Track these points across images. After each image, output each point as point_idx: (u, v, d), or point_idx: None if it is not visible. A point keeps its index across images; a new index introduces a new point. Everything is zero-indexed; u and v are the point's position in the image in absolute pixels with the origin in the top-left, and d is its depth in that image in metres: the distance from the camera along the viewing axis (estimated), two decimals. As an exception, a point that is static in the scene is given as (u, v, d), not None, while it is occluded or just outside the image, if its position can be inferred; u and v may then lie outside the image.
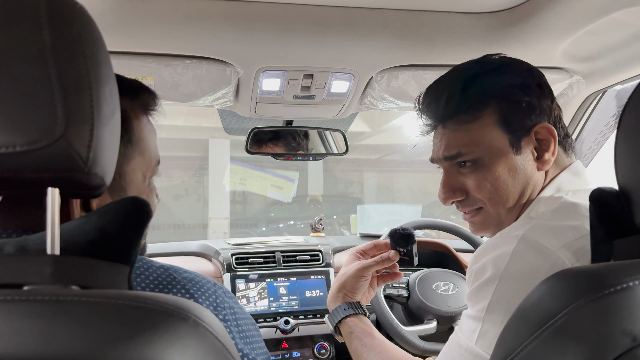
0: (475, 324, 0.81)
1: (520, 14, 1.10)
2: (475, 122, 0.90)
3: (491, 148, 0.89)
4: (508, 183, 0.90)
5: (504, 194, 0.90)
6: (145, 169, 0.78)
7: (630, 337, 0.46)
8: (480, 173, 0.91)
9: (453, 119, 0.92)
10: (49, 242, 0.47)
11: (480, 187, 0.91)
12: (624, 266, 0.52)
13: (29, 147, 0.45)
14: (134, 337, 0.42)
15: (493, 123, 0.90)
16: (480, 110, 0.90)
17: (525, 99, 0.89)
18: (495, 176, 0.90)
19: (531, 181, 0.91)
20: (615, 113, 1.67)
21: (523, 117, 0.89)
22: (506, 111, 0.89)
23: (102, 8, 1.01)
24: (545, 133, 0.90)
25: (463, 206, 0.97)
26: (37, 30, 0.46)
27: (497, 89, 0.90)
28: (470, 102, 0.90)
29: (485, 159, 0.90)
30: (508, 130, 0.89)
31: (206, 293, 0.70)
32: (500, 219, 0.94)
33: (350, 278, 1.15)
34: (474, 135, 0.90)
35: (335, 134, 1.68)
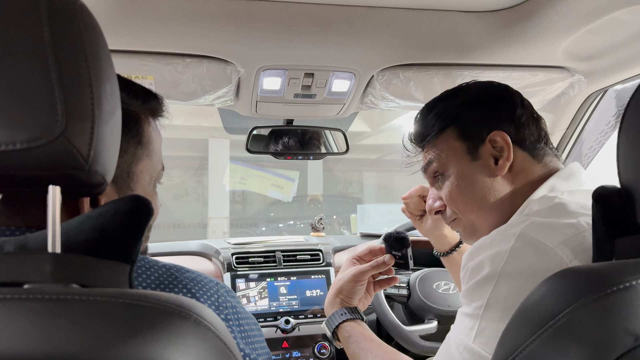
0: (472, 321, 0.81)
1: (521, 13, 1.10)
2: (437, 140, 1.01)
3: (448, 157, 0.99)
4: (466, 190, 0.97)
5: (465, 202, 0.98)
6: (152, 172, 0.79)
7: (632, 337, 0.46)
8: (446, 183, 1.00)
9: (426, 142, 1.04)
10: (50, 240, 0.46)
11: (448, 195, 1.00)
12: (626, 265, 0.52)
13: (29, 144, 0.45)
14: (135, 336, 0.42)
15: (452, 138, 0.99)
16: (440, 132, 1.01)
17: (472, 113, 0.98)
18: (456, 184, 0.98)
19: (489, 187, 0.96)
20: (616, 112, 1.67)
21: (478, 129, 0.97)
22: (462, 127, 0.98)
23: (102, 6, 1.01)
24: (499, 140, 0.95)
25: (444, 217, 1.07)
26: (37, 27, 0.46)
27: (447, 111, 1.01)
28: (430, 128, 1.02)
29: (448, 168, 1.00)
30: (465, 139, 0.98)
31: (208, 292, 0.70)
32: (475, 226, 1.00)
33: (347, 283, 1.18)
34: (439, 148, 1.01)
35: (336, 133, 1.68)
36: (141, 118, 0.77)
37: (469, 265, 0.85)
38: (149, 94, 0.80)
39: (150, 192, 0.79)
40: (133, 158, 0.74)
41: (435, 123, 1.01)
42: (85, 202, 0.61)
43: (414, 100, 1.44)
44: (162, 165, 0.83)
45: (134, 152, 0.74)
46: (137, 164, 0.75)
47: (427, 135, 1.03)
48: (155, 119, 0.82)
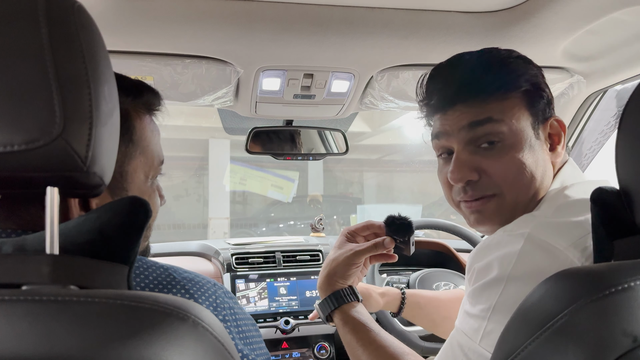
0: (478, 323, 0.79)
1: (521, 13, 1.10)
2: (504, 101, 0.87)
3: (518, 126, 0.86)
4: (532, 167, 0.86)
5: (526, 179, 0.86)
6: (147, 169, 0.78)
7: (631, 338, 0.46)
8: (507, 154, 0.86)
9: (484, 94, 0.87)
10: (48, 241, 0.46)
11: (507, 168, 0.86)
12: (625, 266, 0.52)
13: (27, 146, 0.45)
14: (133, 337, 0.42)
15: (520, 104, 0.87)
16: (511, 91, 0.87)
17: (546, 90, 0.91)
18: (522, 157, 0.86)
19: (548, 170, 0.89)
20: (615, 113, 1.67)
21: (544, 107, 0.90)
22: (533, 97, 0.88)
23: (101, 7, 1.01)
24: (557, 126, 0.91)
25: (474, 189, 0.89)
26: (35, 28, 0.46)
27: (530, 75, 0.89)
28: (504, 82, 0.87)
29: (513, 136, 0.86)
30: (532, 114, 0.88)
31: (206, 293, 0.70)
32: (516, 208, 0.88)
33: (342, 265, 1.06)
34: (504, 109, 0.87)
35: (336, 133, 1.68)
36: (131, 115, 0.75)
37: (475, 266, 0.83)
38: (142, 88, 0.79)
39: (147, 190, 0.79)
40: (124, 157, 0.73)
41: (516, 79, 0.87)
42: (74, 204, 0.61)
43: (413, 101, 1.44)
44: (160, 160, 0.82)
45: (124, 151, 0.73)
46: (129, 162, 0.74)
47: (494, 88, 0.87)
48: (150, 113, 0.81)
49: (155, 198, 0.82)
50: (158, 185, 0.85)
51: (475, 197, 0.89)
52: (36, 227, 0.59)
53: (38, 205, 0.59)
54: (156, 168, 0.80)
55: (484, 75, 0.87)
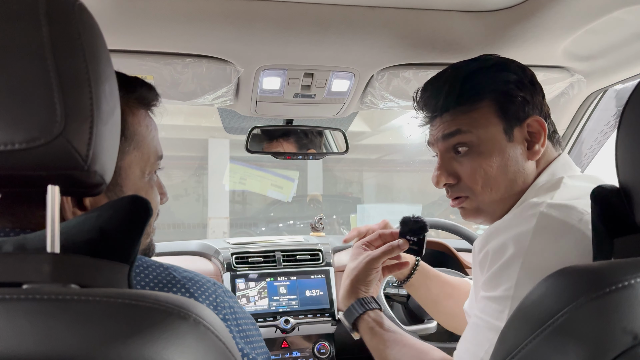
0: (501, 304, 0.80)
1: (521, 13, 1.10)
2: (474, 111, 0.96)
3: (486, 133, 0.95)
4: (500, 170, 0.95)
5: (494, 182, 0.95)
6: (143, 165, 0.77)
7: (631, 336, 0.46)
8: (475, 160, 0.96)
9: (452, 110, 0.98)
10: (49, 240, 0.46)
11: (474, 173, 0.96)
12: (625, 264, 0.52)
13: (28, 144, 0.45)
14: (134, 336, 0.42)
15: (489, 112, 0.96)
16: (477, 102, 0.96)
17: (520, 93, 0.96)
18: (489, 163, 0.95)
19: (522, 170, 0.96)
20: (615, 112, 1.67)
21: (517, 110, 0.95)
22: (502, 103, 0.95)
23: (102, 6, 1.01)
24: (536, 126, 0.96)
25: (452, 191, 1.01)
26: (36, 27, 0.46)
27: (495, 84, 0.97)
28: (469, 95, 0.97)
29: (481, 144, 0.95)
30: (503, 119, 0.95)
31: (206, 292, 0.70)
32: (492, 207, 0.98)
33: (362, 272, 1.12)
34: (472, 119, 0.96)
35: (336, 133, 1.68)
36: (123, 110, 0.74)
37: (489, 248, 0.85)
38: (135, 83, 0.78)
39: (144, 186, 0.78)
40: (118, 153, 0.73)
41: (478, 91, 0.97)
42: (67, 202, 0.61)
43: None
44: (158, 156, 0.81)
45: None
46: (123, 158, 0.73)
47: (461, 101, 0.97)
48: (145, 108, 0.81)
49: (154, 194, 0.82)
50: (159, 182, 0.85)
51: (453, 197, 1.02)
52: (36, 226, 0.60)
53: (38, 204, 0.59)
54: (153, 164, 0.80)
55: (451, 92, 0.98)
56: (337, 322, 1.81)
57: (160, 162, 0.83)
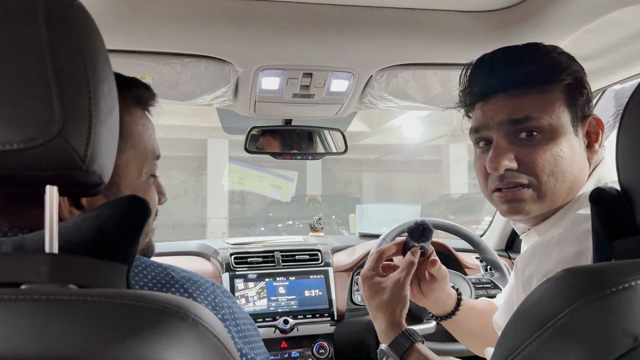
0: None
1: (520, 13, 1.10)
2: (545, 93, 0.88)
3: (558, 121, 0.87)
4: (568, 161, 0.87)
5: (562, 173, 0.87)
6: (140, 164, 0.77)
7: (631, 337, 0.46)
8: (546, 145, 0.87)
9: (523, 86, 0.88)
10: (47, 240, 0.46)
11: (544, 158, 0.87)
12: (626, 266, 0.52)
13: (26, 144, 0.45)
14: (133, 336, 0.41)
15: (561, 99, 0.88)
16: (552, 84, 0.88)
17: (586, 88, 0.91)
18: (559, 150, 0.87)
19: (585, 167, 0.90)
20: (614, 112, 1.67)
21: (583, 104, 0.90)
22: (574, 93, 0.89)
23: (100, 6, 1.01)
24: (595, 125, 0.91)
25: (512, 178, 0.89)
26: (34, 27, 0.46)
27: (570, 70, 0.89)
28: (547, 73, 0.88)
29: (552, 130, 0.87)
30: (572, 110, 0.89)
31: (205, 292, 0.70)
32: (550, 201, 0.89)
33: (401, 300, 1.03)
34: (544, 104, 0.87)
35: (335, 133, 1.68)
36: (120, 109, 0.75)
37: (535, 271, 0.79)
38: (131, 83, 0.78)
39: (142, 185, 0.78)
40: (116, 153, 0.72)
41: (557, 71, 0.88)
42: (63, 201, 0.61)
43: (412, 101, 1.44)
44: (155, 155, 0.81)
45: None
46: (119, 157, 0.72)
47: (539, 78, 0.88)
48: (142, 107, 0.80)
49: (152, 193, 0.81)
50: (158, 182, 0.85)
51: (511, 185, 0.89)
52: (33, 225, 0.59)
53: (35, 203, 0.59)
54: (150, 163, 0.80)
55: (527, 66, 0.88)
56: (336, 322, 1.81)
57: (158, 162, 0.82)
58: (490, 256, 1.86)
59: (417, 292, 1.17)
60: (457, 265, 1.99)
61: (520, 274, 0.84)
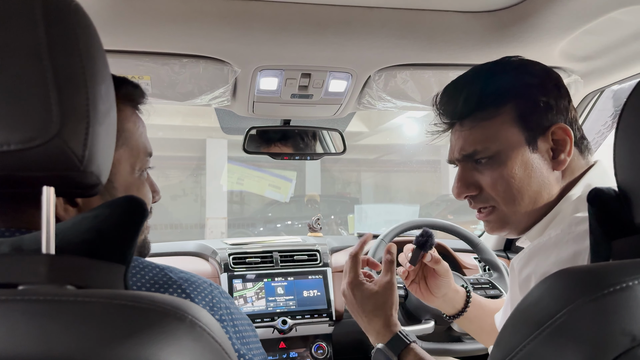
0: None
1: (518, 13, 1.10)
2: (492, 119, 0.90)
3: (508, 144, 0.89)
4: (523, 181, 0.89)
5: (518, 193, 0.89)
6: (133, 160, 0.77)
7: (629, 337, 0.46)
8: (496, 170, 0.90)
9: (470, 116, 0.92)
10: (44, 241, 0.46)
11: (495, 183, 0.90)
12: (624, 266, 0.52)
13: (24, 145, 0.45)
14: (130, 337, 0.41)
15: (510, 121, 0.89)
16: (498, 108, 0.90)
17: (543, 98, 0.89)
18: (511, 173, 0.89)
19: (547, 181, 0.90)
20: (613, 113, 1.67)
21: (540, 117, 0.89)
22: (524, 110, 0.89)
23: (99, 6, 1.01)
24: (561, 133, 0.89)
25: (475, 202, 0.95)
26: (32, 28, 0.46)
27: (516, 88, 0.90)
28: (489, 100, 0.90)
29: (501, 155, 0.89)
30: (525, 128, 0.89)
31: (202, 293, 0.70)
32: (517, 218, 0.92)
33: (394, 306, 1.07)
34: (490, 132, 0.90)
35: (333, 133, 1.68)
36: None
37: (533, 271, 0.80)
38: (121, 81, 0.78)
39: (135, 181, 0.78)
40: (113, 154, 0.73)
41: (498, 95, 0.90)
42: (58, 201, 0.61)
43: (410, 101, 1.44)
44: (147, 152, 0.81)
45: None
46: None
47: (481, 107, 0.91)
48: (132, 105, 0.80)
49: (145, 190, 0.82)
50: (151, 180, 0.85)
51: (477, 209, 0.96)
52: (32, 226, 0.59)
53: (31, 202, 0.59)
54: (143, 160, 0.80)
55: (470, 96, 0.91)
56: (334, 323, 1.81)
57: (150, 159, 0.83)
58: (488, 256, 1.86)
59: (425, 290, 1.21)
60: (455, 265, 1.99)
61: (517, 275, 0.85)
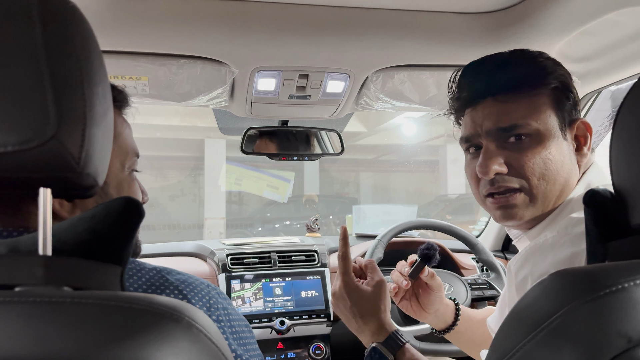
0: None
1: (516, 15, 1.11)
2: (532, 98, 0.88)
3: (546, 126, 0.87)
4: (559, 164, 0.87)
5: (552, 176, 0.87)
6: (122, 158, 0.78)
7: (625, 339, 0.46)
8: (535, 149, 0.87)
9: (510, 91, 0.89)
10: (41, 242, 0.46)
11: (533, 163, 0.87)
12: (620, 267, 0.52)
13: (21, 147, 0.44)
14: (127, 339, 0.41)
15: (548, 103, 0.88)
16: (539, 88, 0.88)
17: (573, 92, 0.91)
18: (549, 155, 0.87)
19: (574, 171, 0.90)
20: (610, 113, 1.67)
21: (570, 108, 0.90)
22: (560, 97, 0.89)
23: (96, 7, 1.01)
24: (583, 128, 0.91)
25: (502, 182, 0.89)
26: (29, 29, 0.46)
27: (557, 75, 0.90)
28: (533, 78, 0.89)
29: (540, 134, 0.87)
30: (560, 115, 0.89)
31: (199, 294, 0.70)
32: (542, 204, 0.89)
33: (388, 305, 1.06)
34: (532, 109, 0.88)
35: (331, 134, 1.68)
36: None
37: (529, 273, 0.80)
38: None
39: (126, 178, 0.79)
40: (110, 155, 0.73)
41: (543, 75, 0.89)
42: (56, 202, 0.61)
43: (408, 102, 1.44)
44: (135, 152, 0.82)
45: None
46: None
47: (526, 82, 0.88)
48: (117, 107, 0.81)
49: (136, 188, 0.83)
50: (138, 182, 0.86)
51: (502, 190, 0.89)
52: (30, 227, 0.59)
53: (32, 205, 0.59)
54: (132, 159, 0.81)
55: (513, 71, 0.89)
56: (332, 323, 1.81)
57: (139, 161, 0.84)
58: (486, 257, 1.86)
59: (417, 307, 1.20)
60: (453, 266, 1.99)
61: (514, 276, 0.85)
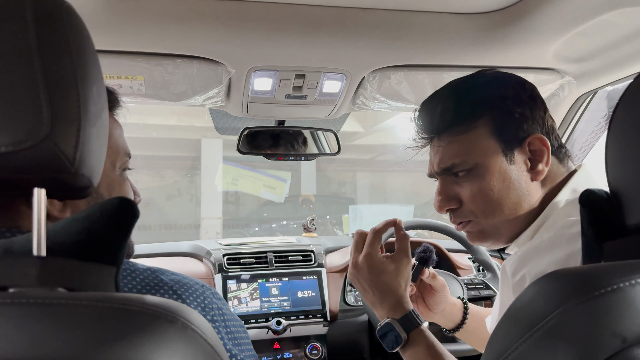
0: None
1: (512, 15, 1.11)
2: (468, 133, 0.91)
3: (485, 157, 0.90)
4: (502, 193, 0.90)
5: (497, 205, 0.90)
6: (113, 157, 0.78)
7: (620, 339, 0.46)
8: (475, 182, 0.91)
9: (447, 131, 0.93)
10: (35, 243, 0.46)
11: (475, 196, 0.91)
12: (615, 267, 0.52)
13: (14, 147, 0.44)
14: (121, 340, 0.41)
15: (486, 133, 0.90)
16: (473, 122, 0.91)
17: (518, 110, 0.90)
18: (489, 185, 0.90)
19: (526, 192, 0.90)
20: (606, 114, 1.68)
21: (516, 128, 0.90)
22: (499, 122, 0.90)
23: (92, 7, 1.00)
24: (538, 144, 0.90)
25: (456, 216, 0.96)
26: (22, 29, 0.46)
27: (490, 100, 0.91)
28: (464, 114, 0.92)
29: (479, 167, 0.90)
30: (501, 140, 0.90)
31: (194, 294, 0.70)
32: (497, 230, 0.93)
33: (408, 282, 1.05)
34: (467, 146, 0.91)
35: (328, 134, 1.68)
36: None
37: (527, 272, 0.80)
38: None
39: (117, 178, 0.79)
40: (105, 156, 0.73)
41: (473, 109, 0.91)
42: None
43: (405, 102, 1.44)
44: (126, 152, 0.82)
45: None
46: None
47: (457, 121, 0.92)
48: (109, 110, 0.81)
49: (127, 187, 0.83)
50: (130, 182, 0.86)
51: (456, 222, 0.97)
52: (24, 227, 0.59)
53: (23, 205, 0.59)
54: (123, 158, 0.81)
55: (447, 110, 0.93)
56: (329, 323, 1.81)
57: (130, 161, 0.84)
58: (482, 257, 1.86)
59: (423, 308, 1.21)
60: (449, 265, 1.99)
61: (510, 277, 0.85)
